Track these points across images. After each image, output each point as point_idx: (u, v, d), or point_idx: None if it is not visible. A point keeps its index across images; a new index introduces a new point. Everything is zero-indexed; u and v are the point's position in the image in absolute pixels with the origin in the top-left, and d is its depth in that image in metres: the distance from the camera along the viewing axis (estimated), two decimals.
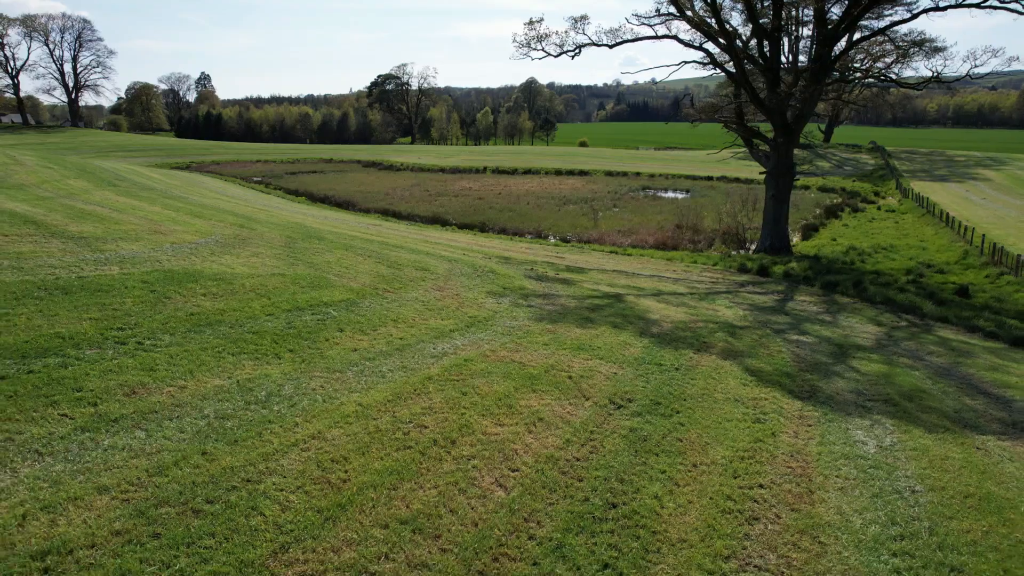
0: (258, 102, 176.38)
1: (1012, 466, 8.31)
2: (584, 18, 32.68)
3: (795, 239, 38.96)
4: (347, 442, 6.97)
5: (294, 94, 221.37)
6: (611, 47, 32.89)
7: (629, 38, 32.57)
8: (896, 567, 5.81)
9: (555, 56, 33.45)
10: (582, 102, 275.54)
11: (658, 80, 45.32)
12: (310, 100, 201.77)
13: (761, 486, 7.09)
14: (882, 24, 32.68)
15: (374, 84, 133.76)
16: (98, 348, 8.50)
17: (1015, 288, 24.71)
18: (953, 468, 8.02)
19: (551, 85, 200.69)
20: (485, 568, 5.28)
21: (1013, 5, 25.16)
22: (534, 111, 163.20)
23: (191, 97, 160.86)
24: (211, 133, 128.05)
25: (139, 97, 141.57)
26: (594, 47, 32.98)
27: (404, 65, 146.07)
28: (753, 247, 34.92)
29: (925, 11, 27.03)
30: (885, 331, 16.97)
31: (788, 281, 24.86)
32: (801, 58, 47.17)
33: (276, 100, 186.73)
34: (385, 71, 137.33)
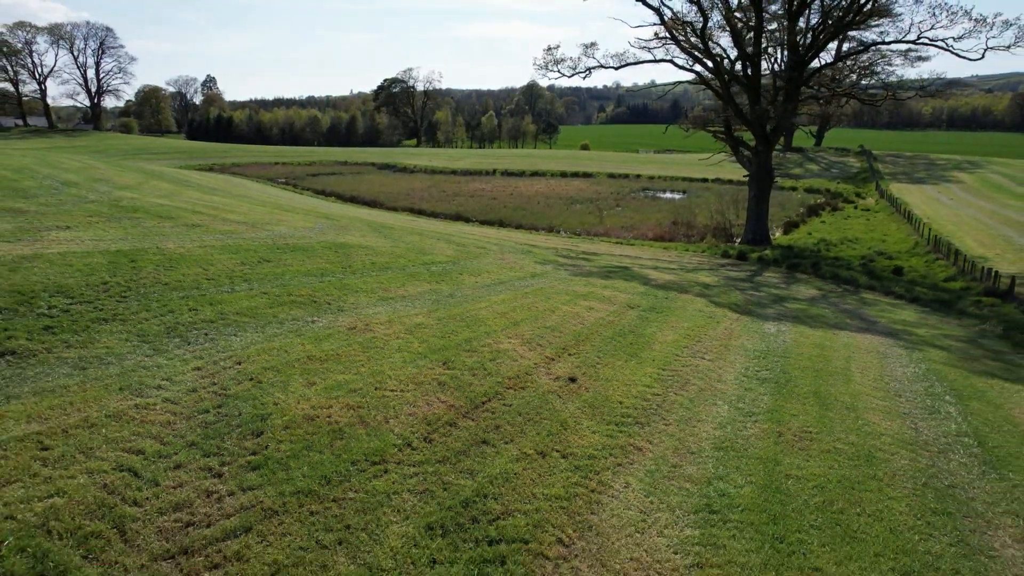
0: (262, 104, 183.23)
1: (846, 338, 15.04)
2: (593, 44, 39.50)
3: (777, 233, 45.84)
4: (501, 309, 13.51)
5: (295, 96, 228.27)
6: (616, 69, 39.71)
7: (632, 61, 39.42)
8: (761, 362, 12.45)
9: (569, 76, 40.29)
10: (583, 104, 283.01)
11: (658, 83, 52.13)
12: (311, 102, 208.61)
13: (706, 335, 13.76)
14: (844, 49, 39.66)
15: (380, 88, 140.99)
16: (344, 275, 14.99)
17: (941, 269, 31.60)
18: (812, 337, 14.72)
19: (552, 88, 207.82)
20: (581, 339, 11.84)
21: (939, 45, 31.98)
22: (536, 113, 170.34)
23: (197, 99, 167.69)
24: (221, 136, 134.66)
25: (148, 100, 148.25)
26: (602, 69, 39.81)
27: (410, 69, 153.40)
28: (739, 240, 41.74)
29: (874, 44, 33.93)
30: (822, 293, 23.80)
31: (761, 263, 31.68)
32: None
33: (280, 103, 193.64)
34: (385, 72, 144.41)
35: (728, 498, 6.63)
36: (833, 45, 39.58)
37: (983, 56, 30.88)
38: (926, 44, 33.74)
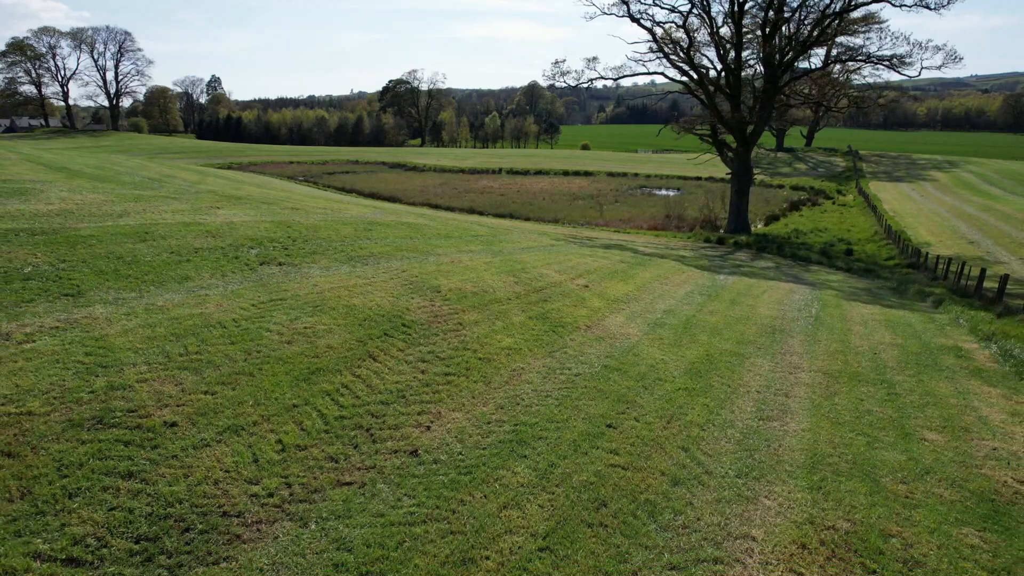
0: (266, 104, 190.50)
1: (772, 284, 22.08)
2: (595, 59, 46.70)
3: (759, 225, 52.96)
4: (535, 257, 20.40)
5: (297, 95, 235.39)
6: (615, 80, 46.82)
7: (628, 74, 46.92)
8: (705, 289, 19.39)
9: (573, 87, 47.37)
10: (582, 104, 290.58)
11: (657, 83, 59.50)
12: (314, 102, 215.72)
13: (673, 277, 20.70)
14: (810, 65, 46.85)
15: (386, 88, 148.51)
16: (422, 240, 21.88)
17: (886, 251, 38.75)
18: (748, 282, 21.72)
19: (552, 88, 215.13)
20: (590, 272, 18.89)
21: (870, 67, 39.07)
22: (537, 113, 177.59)
23: (203, 99, 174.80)
24: (232, 135, 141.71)
25: (156, 100, 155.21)
26: (602, 80, 46.89)
27: (415, 70, 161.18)
28: (723, 230, 48.82)
29: (832, 62, 41.07)
30: (777, 265, 30.87)
31: (735, 246, 38.77)
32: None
33: (283, 103, 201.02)
34: (387, 72, 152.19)
35: (667, 325, 13.63)
36: (814, 55, 46.94)
37: (920, 73, 37.97)
38: (875, 63, 40.90)
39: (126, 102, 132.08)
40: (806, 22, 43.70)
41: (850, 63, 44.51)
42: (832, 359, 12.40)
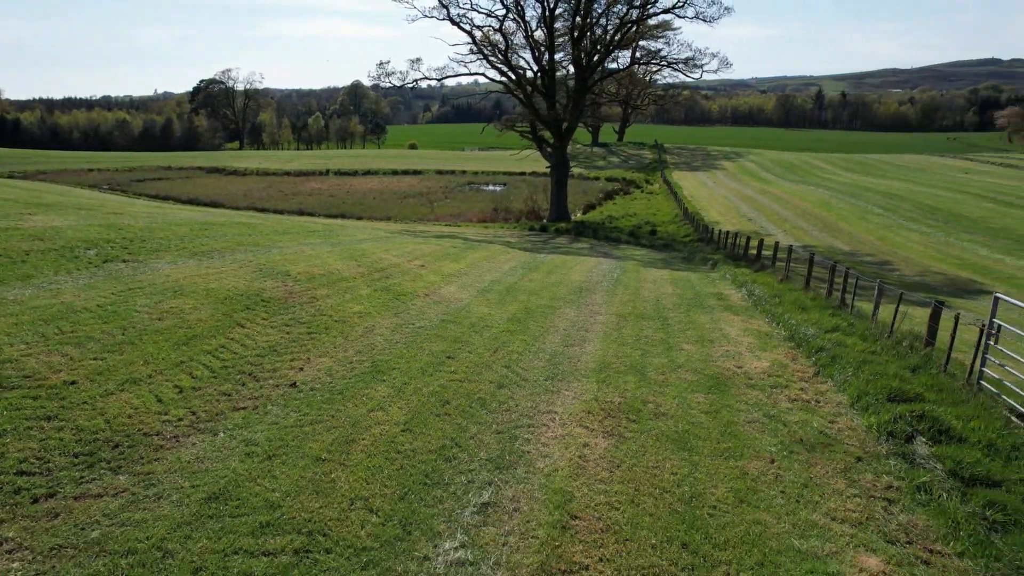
0: (51, 105, 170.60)
1: (584, 259, 25.71)
2: (419, 60, 49.20)
3: (578, 214, 58.10)
4: (374, 246, 22.15)
5: (89, 95, 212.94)
6: (439, 80, 49.28)
7: (452, 74, 49.48)
8: (525, 263, 22.40)
9: (398, 87, 49.17)
10: (408, 104, 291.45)
11: (480, 83, 62.79)
12: (110, 102, 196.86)
13: (499, 257, 23.48)
14: (618, 66, 52.56)
15: (197, 89, 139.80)
16: (261, 236, 22.77)
17: (685, 230, 44.87)
18: (564, 258, 25.13)
19: (376, 88, 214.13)
20: (424, 255, 21.01)
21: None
22: (362, 114, 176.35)
23: None
24: (7, 140, 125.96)
25: None
26: (426, 80, 49.14)
27: (229, 70, 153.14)
28: (546, 220, 53.15)
29: (635, 63, 46.53)
30: (591, 245, 35.02)
31: (556, 232, 42.87)
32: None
33: (73, 103, 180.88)
34: (197, 72, 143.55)
35: (493, 290, 16.16)
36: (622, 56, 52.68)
37: (701, 76, 44.44)
38: (668, 65, 46.99)
39: None
40: (609, 27, 49.04)
41: (650, 65, 50.58)
42: (624, 306, 15.66)
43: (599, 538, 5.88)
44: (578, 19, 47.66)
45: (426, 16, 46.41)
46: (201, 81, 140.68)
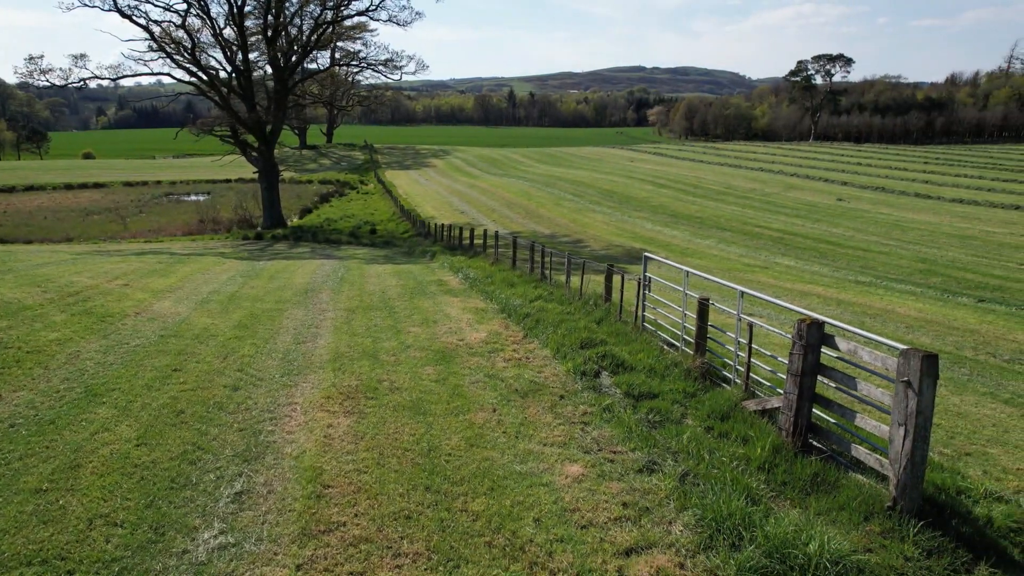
0: None
1: (307, 262, 25.71)
2: (84, 55, 43.05)
3: (294, 219, 56.53)
4: (65, 268, 19.42)
5: None
6: (114, 80, 44.05)
7: (129, 74, 45.14)
8: (245, 272, 21.75)
9: (61, 87, 42.92)
10: (74, 107, 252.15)
11: (165, 83, 57.28)
12: None
13: (215, 268, 22.35)
14: (319, 67, 52.05)
15: None
16: None
17: (403, 227, 46.49)
18: (286, 263, 24.83)
19: (27, 87, 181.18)
20: (129, 273, 19.12)
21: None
22: (10, 118, 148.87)
23: None
24: None
25: None
26: (97, 79, 43.61)
27: None
28: (260, 227, 50.85)
29: (336, 64, 46.52)
30: (312, 249, 34.68)
31: (274, 239, 41.47)
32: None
33: None
34: None
35: (214, 301, 15.58)
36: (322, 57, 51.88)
37: (401, 77, 46.27)
38: (369, 66, 47.91)
39: None
40: (304, 28, 48.30)
41: (351, 66, 50.92)
42: (351, 300, 16.27)
43: (352, 498, 6.55)
44: (270, 18, 46.21)
45: (87, 5, 41.07)
46: None
